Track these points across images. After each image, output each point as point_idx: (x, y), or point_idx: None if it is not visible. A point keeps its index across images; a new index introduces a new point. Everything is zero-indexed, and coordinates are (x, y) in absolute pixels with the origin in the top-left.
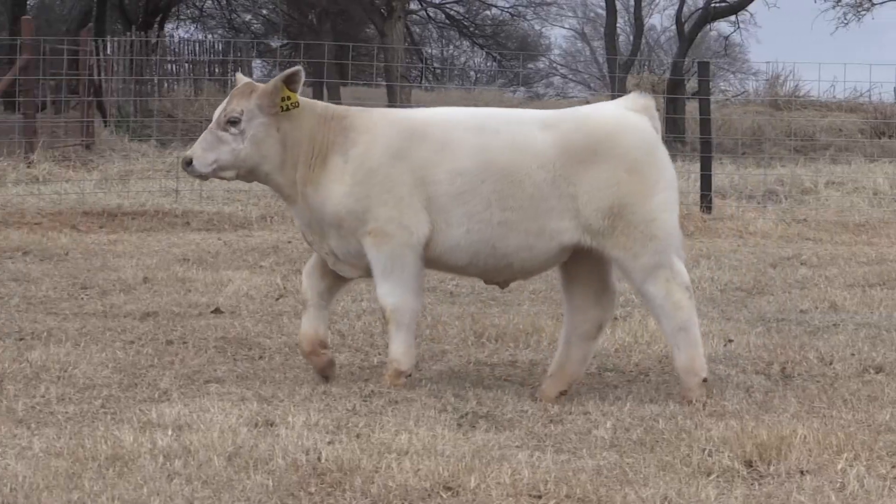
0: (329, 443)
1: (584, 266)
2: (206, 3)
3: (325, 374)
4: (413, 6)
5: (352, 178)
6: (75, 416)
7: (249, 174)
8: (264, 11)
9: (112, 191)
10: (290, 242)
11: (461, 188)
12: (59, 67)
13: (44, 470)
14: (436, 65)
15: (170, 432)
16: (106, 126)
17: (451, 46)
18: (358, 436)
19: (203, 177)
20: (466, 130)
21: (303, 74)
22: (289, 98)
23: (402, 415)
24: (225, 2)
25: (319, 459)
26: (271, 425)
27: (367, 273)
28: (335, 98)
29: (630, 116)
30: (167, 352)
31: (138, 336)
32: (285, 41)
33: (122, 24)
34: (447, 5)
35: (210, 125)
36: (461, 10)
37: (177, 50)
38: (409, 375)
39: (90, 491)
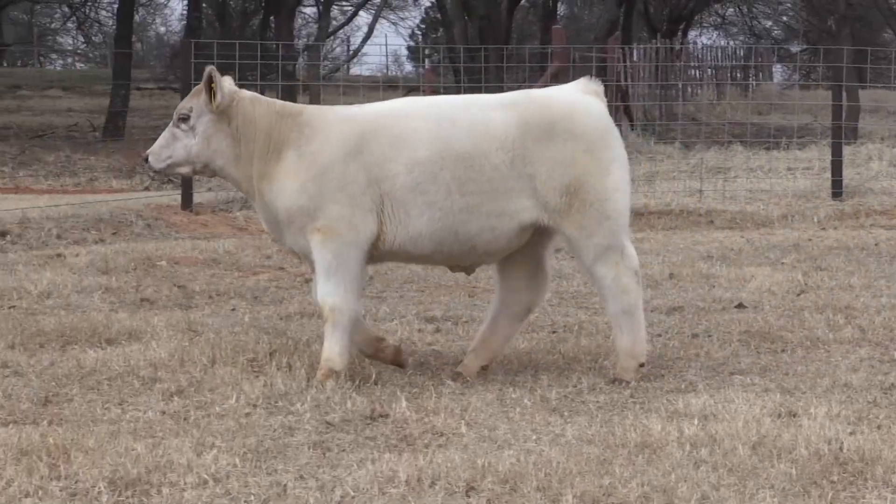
0: (850, 433)
1: (522, 248)
2: (728, 10)
3: (398, 363)
4: None
5: (305, 173)
6: (605, 405)
7: (205, 169)
8: (784, 18)
9: (639, 191)
10: (810, 240)
11: (419, 178)
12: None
13: (576, 456)
14: None
15: (696, 422)
16: (633, 130)
17: None
18: (879, 427)
19: (160, 172)
20: (423, 120)
21: (214, 75)
22: (213, 99)
23: None
24: (746, 9)
25: (841, 449)
26: (794, 416)
27: None
28: (853, 100)
29: (586, 99)
30: (692, 344)
31: (665, 329)
32: (804, 46)
33: (647, 32)
34: None
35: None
36: None
37: (700, 56)
38: (341, 377)
39: (620, 476)
